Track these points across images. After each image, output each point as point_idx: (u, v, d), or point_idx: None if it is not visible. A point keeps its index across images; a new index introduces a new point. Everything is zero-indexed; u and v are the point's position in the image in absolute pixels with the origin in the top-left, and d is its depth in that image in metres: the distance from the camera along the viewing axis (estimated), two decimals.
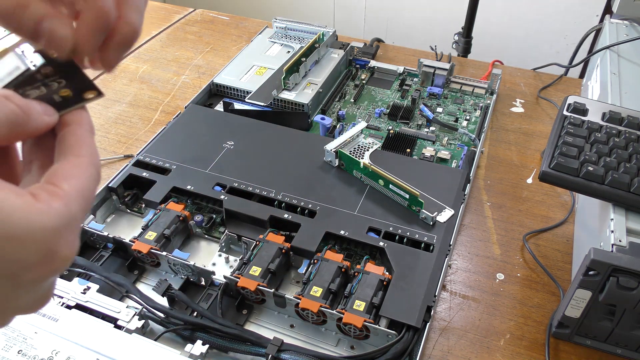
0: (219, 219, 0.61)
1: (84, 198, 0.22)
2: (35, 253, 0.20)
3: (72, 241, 0.21)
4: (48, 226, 0.20)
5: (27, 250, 0.19)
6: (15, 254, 0.19)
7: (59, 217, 0.20)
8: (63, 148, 0.23)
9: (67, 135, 0.23)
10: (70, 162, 0.23)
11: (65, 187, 0.21)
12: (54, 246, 0.20)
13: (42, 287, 0.22)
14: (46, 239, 0.20)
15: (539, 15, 1.72)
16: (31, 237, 0.19)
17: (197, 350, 0.47)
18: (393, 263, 0.53)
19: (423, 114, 0.77)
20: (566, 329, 0.50)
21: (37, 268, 0.20)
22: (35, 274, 0.20)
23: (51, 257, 0.20)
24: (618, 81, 0.67)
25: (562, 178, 0.52)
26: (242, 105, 0.77)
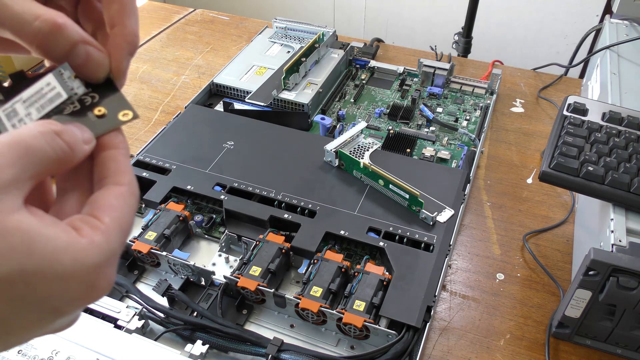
0: (219, 219, 0.61)
1: (123, 231, 0.22)
2: (77, 289, 0.20)
3: (111, 274, 0.22)
4: (90, 263, 0.20)
5: (70, 288, 0.20)
6: (59, 291, 0.20)
7: (101, 252, 0.21)
8: (103, 175, 0.23)
9: (106, 161, 0.23)
10: (111, 191, 0.22)
11: (106, 221, 0.21)
12: (95, 281, 0.21)
13: (74, 315, 0.22)
14: (88, 276, 0.20)
15: (539, 16, 1.72)
16: (76, 275, 0.20)
17: (197, 350, 0.47)
18: (393, 263, 0.53)
19: (423, 114, 0.77)
20: (566, 329, 0.50)
21: (76, 302, 0.21)
22: (75, 307, 0.21)
23: (90, 291, 0.21)
24: (618, 81, 0.67)
25: (562, 178, 0.52)
26: (242, 105, 0.77)
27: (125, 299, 0.53)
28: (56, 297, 0.20)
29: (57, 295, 0.20)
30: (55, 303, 0.20)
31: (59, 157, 0.21)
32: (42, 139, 0.20)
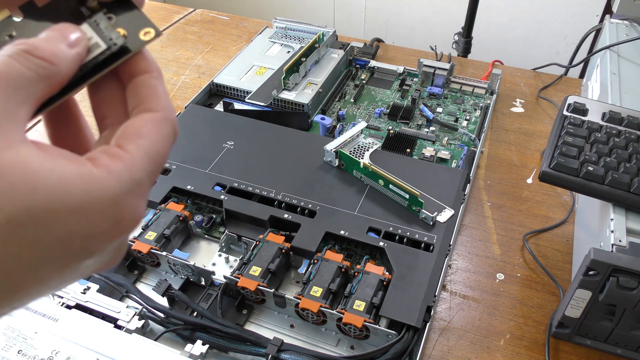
0: (219, 219, 0.61)
1: (152, 159, 0.20)
2: (99, 223, 0.19)
3: (137, 206, 0.20)
4: (108, 193, 0.19)
5: (90, 222, 0.18)
6: (78, 227, 0.18)
7: (120, 182, 0.19)
8: (135, 101, 0.21)
9: (137, 87, 0.21)
10: (141, 118, 0.21)
11: (130, 149, 0.20)
12: (118, 214, 0.19)
13: (110, 251, 0.21)
14: (108, 208, 0.19)
15: (539, 16, 1.72)
16: (92, 207, 0.18)
17: (197, 350, 0.47)
18: (393, 263, 0.53)
19: (423, 114, 0.77)
20: (566, 329, 0.50)
21: (102, 237, 0.19)
22: (102, 242, 0.19)
23: (116, 224, 0.19)
24: (618, 81, 0.67)
25: (562, 178, 0.52)
26: (242, 105, 0.77)
27: (125, 299, 0.53)
28: (77, 235, 0.18)
29: (77, 232, 0.18)
30: (79, 241, 0.18)
31: (39, 74, 0.19)
32: (14, 62, 0.18)
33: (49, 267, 0.18)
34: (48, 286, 0.19)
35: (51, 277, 0.19)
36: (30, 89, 0.19)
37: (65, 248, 0.18)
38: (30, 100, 0.19)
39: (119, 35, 0.21)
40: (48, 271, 0.19)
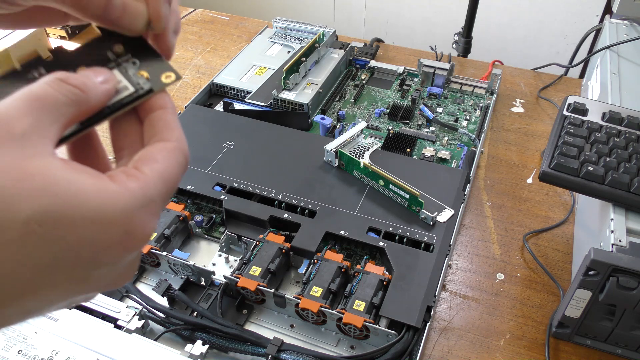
0: (219, 219, 0.61)
1: (164, 181, 0.22)
2: (109, 235, 0.20)
3: (147, 222, 0.21)
4: (121, 207, 0.20)
5: (102, 232, 0.19)
6: (90, 235, 0.19)
7: (133, 198, 0.20)
8: (151, 133, 0.23)
9: (154, 120, 0.24)
10: (156, 147, 0.23)
11: (145, 170, 0.22)
12: (129, 227, 0.20)
13: (123, 264, 0.22)
14: (119, 220, 0.20)
15: (539, 16, 1.72)
16: (105, 218, 0.19)
17: (197, 350, 0.47)
18: (393, 263, 0.53)
19: (423, 114, 0.77)
20: (566, 329, 0.50)
21: (112, 248, 0.20)
22: (112, 255, 0.20)
23: (127, 237, 0.20)
24: (618, 81, 0.67)
25: (562, 178, 0.52)
26: (242, 105, 0.77)
27: (125, 299, 0.53)
28: (88, 243, 0.19)
29: (89, 239, 0.19)
30: (89, 250, 0.19)
31: (70, 99, 0.21)
32: (48, 87, 0.21)
33: (59, 272, 0.19)
34: (57, 294, 0.20)
35: (60, 284, 0.20)
36: (61, 111, 0.21)
37: (77, 254, 0.19)
38: (61, 121, 0.21)
39: (145, 81, 0.24)
40: (58, 276, 0.19)
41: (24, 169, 0.18)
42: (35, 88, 0.20)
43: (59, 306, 0.21)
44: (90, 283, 0.21)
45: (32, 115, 0.20)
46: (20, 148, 0.19)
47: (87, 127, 0.23)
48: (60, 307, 0.21)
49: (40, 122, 0.20)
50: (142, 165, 0.22)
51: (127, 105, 0.23)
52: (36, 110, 0.20)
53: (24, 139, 0.19)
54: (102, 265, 0.20)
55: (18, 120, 0.19)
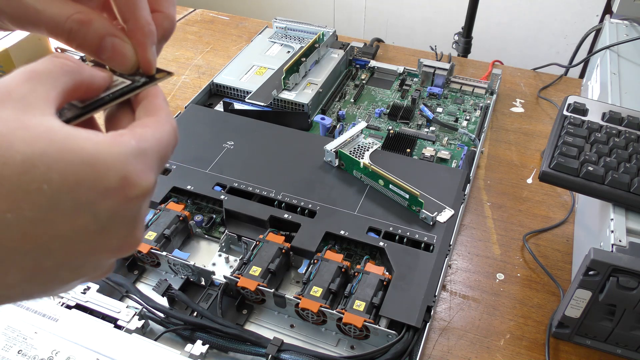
0: (219, 219, 0.61)
1: (157, 141, 0.23)
2: (106, 178, 0.20)
3: (143, 171, 0.22)
4: (114, 152, 0.21)
5: (98, 174, 0.20)
6: (86, 177, 0.20)
7: (127, 147, 0.22)
8: (142, 114, 0.25)
9: (146, 104, 0.26)
10: (146, 118, 0.25)
11: (137, 130, 0.23)
12: (124, 173, 0.21)
13: (123, 222, 0.22)
14: (114, 165, 0.21)
15: (539, 16, 1.72)
16: (101, 160, 0.20)
17: (197, 350, 0.47)
18: (393, 263, 0.53)
19: (423, 114, 0.77)
20: (566, 329, 0.50)
21: (111, 195, 0.21)
22: (112, 202, 0.21)
23: (124, 184, 0.21)
24: (618, 81, 0.67)
25: (562, 178, 0.52)
26: (242, 105, 0.77)
27: (125, 299, 0.53)
28: (86, 186, 0.20)
29: (85, 182, 0.20)
30: (87, 193, 0.20)
31: (63, 69, 0.23)
32: (43, 61, 0.23)
33: (59, 216, 0.20)
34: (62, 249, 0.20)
35: (64, 232, 0.20)
36: (57, 79, 0.22)
37: (75, 196, 0.20)
38: (58, 88, 0.22)
39: (140, 78, 0.27)
40: (60, 221, 0.20)
41: (23, 121, 0.20)
42: (31, 64, 0.22)
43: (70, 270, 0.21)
44: (95, 237, 0.21)
45: (29, 83, 0.21)
46: (19, 107, 0.20)
47: (90, 111, 0.24)
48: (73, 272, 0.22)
49: (38, 87, 0.21)
50: (133, 127, 0.23)
51: (125, 94, 0.25)
52: (32, 79, 0.21)
53: (24, 100, 0.20)
54: (102, 215, 0.21)
55: (17, 86, 0.21)
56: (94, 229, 0.21)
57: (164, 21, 0.27)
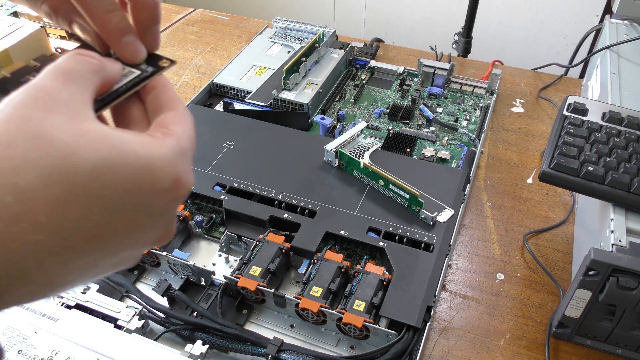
0: (219, 219, 0.61)
1: (190, 139, 0.25)
2: (161, 181, 0.22)
3: (189, 171, 0.24)
4: (165, 156, 0.22)
5: (156, 177, 0.22)
6: (145, 182, 0.21)
7: (173, 148, 0.23)
8: (157, 107, 0.26)
9: (158, 95, 0.27)
10: (170, 113, 0.26)
11: (173, 128, 0.25)
12: (176, 174, 0.23)
13: (168, 217, 0.24)
14: (167, 168, 0.22)
15: (539, 16, 1.72)
16: (157, 165, 0.22)
17: (197, 350, 0.47)
18: (393, 263, 0.53)
19: (423, 114, 0.77)
20: (566, 329, 0.50)
21: (164, 196, 0.22)
22: (164, 202, 0.23)
23: (175, 185, 0.23)
24: (618, 81, 0.67)
25: (562, 178, 0.52)
26: (242, 105, 0.77)
27: (125, 299, 0.53)
28: (145, 189, 0.21)
29: (145, 186, 0.21)
30: (145, 196, 0.21)
31: (91, 68, 0.24)
32: (70, 61, 0.23)
33: (120, 218, 0.21)
34: (116, 244, 0.22)
35: (121, 231, 0.21)
36: (88, 79, 0.23)
37: (135, 200, 0.21)
38: (90, 89, 0.23)
39: (147, 67, 0.28)
40: (120, 223, 0.21)
41: (79, 128, 0.20)
42: (60, 63, 0.23)
43: (112, 263, 0.23)
44: (144, 233, 0.23)
45: (67, 86, 0.22)
46: (68, 113, 0.21)
47: (108, 104, 0.25)
48: (114, 264, 0.23)
49: (76, 90, 0.22)
50: (169, 125, 0.25)
51: (136, 86, 0.27)
52: (68, 81, 0.22)
53: (69, 105, 0.21)
54: (155, 215, 0.23)
55: (57, 90, 0.21)
56: (146, 226, 0.23)
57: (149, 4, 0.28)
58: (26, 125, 0.19)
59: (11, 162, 0.18)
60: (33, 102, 0.20)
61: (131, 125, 0.26)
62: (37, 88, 0.21)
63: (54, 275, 0.20)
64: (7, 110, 0.20)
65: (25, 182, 0.18)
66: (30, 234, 0.19)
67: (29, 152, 0.19)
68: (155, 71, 0.28)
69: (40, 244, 0.19)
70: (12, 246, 0.18)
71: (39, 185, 0.19)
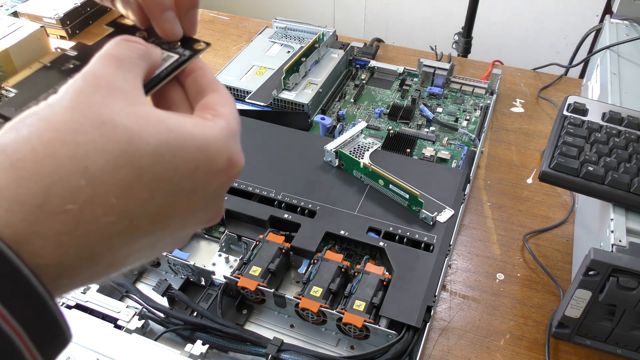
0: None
1: (237, 120, 0.25)
2: (217, 162, 0.23)
3: (240, 151, 0.24)
4: (221, 136, 0.23)
5: (211, 158, 0.22)
6: (202, 162, 0.22)
7: (225, 130, 0.24)
8: (199, 90, 0.27)
9: (197, 78, 0.27)
10: (214, 95, 0.26)
11: (221, 110, 0.25)
12: (230, 155, 0.23)
13: (220, 197, 0.25)
14: (222, 149, 0.23)
15: (539, 15, 1.72)
16: (212, 146, 0.22)
17: (197, 350, 0.47)
18: (393, 263, 0.53)
19: (423, 114, 0.77)
20: (566, 329, 0.50)
21: (220, 176, 0.23)
22: (220, 182, 0.23)
23: (229, 164, 0.23)
24: (618, 81, 0.67)
25: (562, 178, 0.52)
26: (242, 105, 0.77)
27: (125, 299, 0.53)
28: (202, 170, 0.22)
29: (202, 167, 0.22)
30: (202, 177, 0.22)
31: (138, 54, 0.24)
32: (118, 47, 0.24)
33: (181, 198, 0.22)
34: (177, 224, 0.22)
35: (181, 211, 0.22)
36: (137, 64, 0.24)
37: (194, 180, 0.22)
38: (140, 74, 0.24)
39: (184, 50, 0.28)
40: (180, 202, 0.22)
41: (138, 112, 0.21)
42: (110, 50, 0.23)
43: (168, 242, 0.24)
44: (200, 213, 0.23)
45: (120, 72, 0.22)
46: (126, 98, 0.21)
47: (152, 88, 0.26)
48: (169, 244, 0.24)
49: (128, 76, 0.23)
50: (216, 107, 0.25)
51: (176, 69, 0.27)
52: (121, 67, 0.23)
53: (125, 91, 0.22)
54: (211, 194, 0.23)
55: (113, 76, 0.22)
56: (203, 206, 0.23)
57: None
58: (90, 111, 0.20)
59: (81, 147, 0.19)
60: (92, 89, 0.21)
61: (173, 109, 0.27)
62: (94, 75, 0.22)
63: (119, 256, 0.21)
64: (69, 96, 0.20)
65: (95, 167, 0.19)
66: (102, 216, 0.19)
67: (96, 137, 0.19)
68: (192, 54, 0.28)
69: (111, 226, 0.20)
70: (86, 229, 0.19)
71: (108, 169, 0.19)
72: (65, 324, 0.19)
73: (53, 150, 0.19)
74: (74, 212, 0.19)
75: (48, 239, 0.18)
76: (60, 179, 0.18)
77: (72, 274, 0.19)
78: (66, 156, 0.19)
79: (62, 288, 0.20)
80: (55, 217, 0.18)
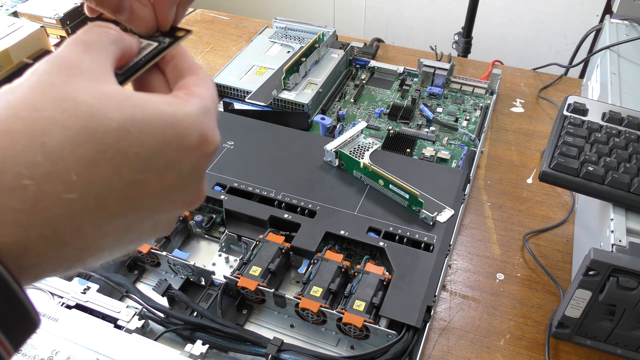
0: (219, 219, 0.61)
1: (213, 99, 0.25)
2: (188, 138, 0.22)
3: (214, 127, 0.24)
4: (191, 113, 0.23)
5: (182, 134, 0.22)
6: (173, 137, 0.22)
7: (197, 106, 0.23)
8: (180, 72, 0.26)
9: (177, 63, 0.27)
10: (192, 77, 0.26)
11: (195, 89, 0.25)
12: (202, 130, 0.23)
13: (197, 177, 0.24)
14: (193, 125, 0.22)
15: (539, 16, 1.72)
16: (182, 122, 0.22)
17: (197, 350, 0.47)
18: (393, 263, 0.53)
19: (423, 114, 0.77)
20: (566, 329, 0.50)
21: (193, 153, 0.23)
22: (193, 159, 0.23)
23: (203, 141, 0.23)
24: (618, 81, 0.67)
25: (562, 178, 0.52)
26: (242, 105, 0.77)
27: (125, 299, 0.53)
28: (173, 146, 0.22)
29: (172, 142, 0.22)
30: (174, 153, 0.22)
31: (109, 38, 0.24)
32: (89, 32, 0.24)
33: (152, 176, 0.21)
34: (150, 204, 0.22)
35: (153, 191, 0.22)
36: (107, 48, 0.24)
37: (164, 157, 0.21)
38: (110, 58, 0.24)
39: (164, 38, 0.28)
40: (152, 181, 0.21)
41: (102, 90, 0.21)
42: (80, 35, 0.23)
43: (148, 227, 0.23)
44: (176, 194, 0.23)
45: (88, 54, 0.22)
46: (91, 78, 0.21)
47: (130, 76, 0.26)
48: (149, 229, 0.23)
49: (96, 58, 0.23)
50: (191, 87, 0.25)
51: (156, 56, 0.27)
52: (89, 50, 0.23)
53: (91, 71, 0.22)
54: (185, 172, 0.23)
55: (79, 58, 0.22)
56: (177, 185, 0.23)
57: None
58: (51, 89, 0.20)
59: (39, 123, 0.19)
60: (56, 70, 0.21)
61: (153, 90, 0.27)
62: (60, 57, 0.22)
63: (90, 238, 0.20)
64: (32, 78, 0.20)
65: (54, 142, 0.19)
66: (63, 192, 0.19)
67: (56, 114, 0.19)
68: (172, 42, 0.28)
69: (74, 203, 0.19)
70: (46, 205, 0.19)
71: (68, 145, 0.19)
72: (31, 306, 0.19)
73: (8, 127, 0.19)
74: (32, 188, 0.18)
75: (4, 214, 0.18)
76: (14, 154, 0.18)
77: (37, 254, 0.19)
78: (21, 132, 0.19)
79: (30, 271, 0.19)
80: (10, 193, 0.18)
